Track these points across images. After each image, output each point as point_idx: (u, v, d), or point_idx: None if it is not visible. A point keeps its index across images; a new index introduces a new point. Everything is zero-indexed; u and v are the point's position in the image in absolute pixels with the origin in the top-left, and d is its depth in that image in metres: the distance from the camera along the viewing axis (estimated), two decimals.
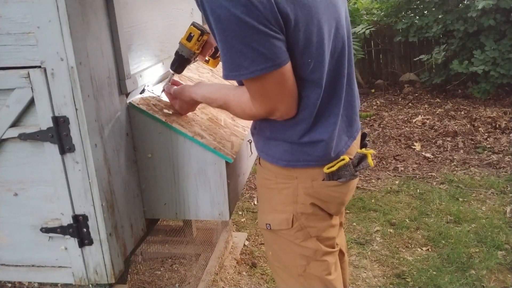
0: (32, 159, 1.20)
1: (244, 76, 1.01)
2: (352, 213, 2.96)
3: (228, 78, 1.04)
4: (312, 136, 1.15)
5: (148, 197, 1.43)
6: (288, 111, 1.10)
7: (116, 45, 1.26)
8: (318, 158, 1.17)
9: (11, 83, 1.11)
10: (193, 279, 2.24)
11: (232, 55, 0.99)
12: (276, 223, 1.25)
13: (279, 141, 1.19)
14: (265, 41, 0.96)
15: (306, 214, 1.22)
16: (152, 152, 1.37)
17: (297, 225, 1.23)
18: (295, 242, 1.24)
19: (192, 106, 1.39)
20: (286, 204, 1.22)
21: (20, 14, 1.07)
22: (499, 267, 2.33)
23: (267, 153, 1.23)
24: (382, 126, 4.58)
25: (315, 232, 1.24)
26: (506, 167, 3.49)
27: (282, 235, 1.26)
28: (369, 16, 5.84)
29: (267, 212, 1.27)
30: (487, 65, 4.66)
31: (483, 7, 4.34)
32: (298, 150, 1.17)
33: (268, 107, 1.09)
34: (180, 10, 1.74)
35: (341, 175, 1.19)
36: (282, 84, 1.04)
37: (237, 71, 1.00)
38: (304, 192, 1.20)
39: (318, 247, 1.25)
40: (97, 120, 1.17)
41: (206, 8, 0.97)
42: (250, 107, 1.11)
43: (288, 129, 1.15)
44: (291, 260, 1.28)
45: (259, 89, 1.05)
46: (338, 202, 1.25)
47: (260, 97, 1.07)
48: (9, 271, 1.33)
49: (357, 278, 2.32)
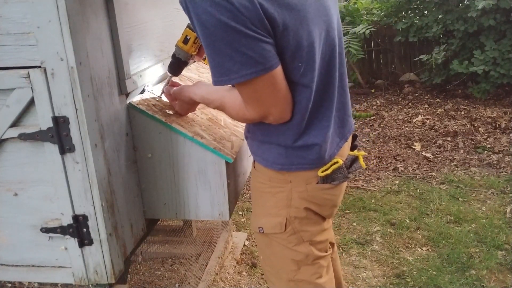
0: (32, 159, 1.20)
1: (234, 80, 1.00)
2: (352, 213, 2.96)
3: (218, 83, 1.02)
4: (306, 139, 1.14)
5: (148, 197, 1.43)
6: (282, 114, 1.10)
7: (116, 45, 1.26)
8: (312, 162, 1.17)
9: (11, 83, 1.11)
10: (193, 279, 2.24)
11: (220, 60, 0.98)
12: (269, 227, 1.24)
13: (273, 145, 1.18)
14: (254, 45, 0.95)
15: (299, 218, 1.22)
16: (152, 152, 1.37)
17: (290, 229, 1.22)
18: (287, 246, 1.24)
19: (192, 106, 1.39)
20: (280, 208, 1.22)
21: (20, 14, 1.07)
22: (499, 267, 2.33)
23: (262, 156, 1.22)
24: (382, 126, 4.58)
25: (308, 237, 1.24)
26: (506, 167, 3.49)
27: (274, 239, 1.25)
28: (369, 16, 5.84)
29: (261, 215, 1.27)
30: (487, 65, 4.66)
31: (483, 7, 4.34)
32: (293, 154, 1.16)
33: (261, 111, 1.08)
34: (180, 10, 1.73)
35: (335, 178, 1.20)
36: (273, 88, 1.04)
37: (227, 76, 1.00)
38: (298, 196, 1.20)
39: (310, 251, 1.24)
40: (97, 120, 1.17)
41: (192, 14, 0.97)
42: (244, 111, 1.11)
43: (281, 133, 1.15)
44: (282, 265, 1.27)
45: (250, 93, 1.05)
46: (331, 204, 1.26)
47: (253, 101, 1.07)
48: (9, 271, 1.33)
49: (357, 278, 2.32)
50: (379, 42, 5.95)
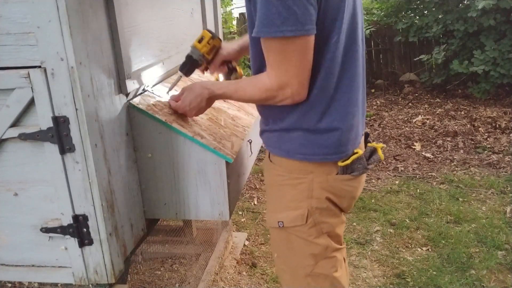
0: (32, 159, 1.20)
1: (273, 34, 1.03)
2: (352, 213, 2.96)
3: (258, 34, 1.05)
4: (329, 122, 1.16)
5: (148, 197, 1.43)
6: (300, 89, 1.10)
7: (116, 45, 1.26)
8: (334, 150, 1.18)
9: (11, 83, 1.11)
10: (193, 279, 2.24)
11: (267, 11, 1.01)
12: (290, 220, 1.25)
13: (296, 132, 1.19)
14: (300, 2, 0.99)
15: (320, 209, 1.23)
16: (152, 152, 1.37)
17: (311, 220, 1.23)
18: (307, 239, 1.25)
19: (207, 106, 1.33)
20: (301, 199, 1.23)
21: (20, 14, 1.07)
22: (499, 267, 2.33)
23: (281, 148, 1.23)
24: (382, 126, 4.58)
25: (327, 228, 1.26)
26: (506, 167, 3.49)
27: (294, 232, 1.26)
28: (369, 16, 5.83)
29: (279, 210, 1.27)
30: (487, 65, 4.66)
31: (483, 7, 4.34)
32: (315, 142, 1.18)
33: (283, 78, 1.09)
34: (180, 10, 1.74)
35: (355, 169, 1.22)
36: (302, 56, 1.06)
37: (268, 28, 1.03)
38: (319, 186, 1.21)
39: (329, 243, 1.26)
40: (97, 120, 1.17)
41: None
42: (264, 80, 1.12)
43: (304, 114, 1.16)
44: (300, 260, 1.28)
45: (280, 54, 1.06)
46: (350, 196, 1.27)
47: (278, 65, 1.08)
48: (9, 271, 1.33)
49: (357, 278, 2.32)
50: (379, 42, 5.94)
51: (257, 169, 3.61)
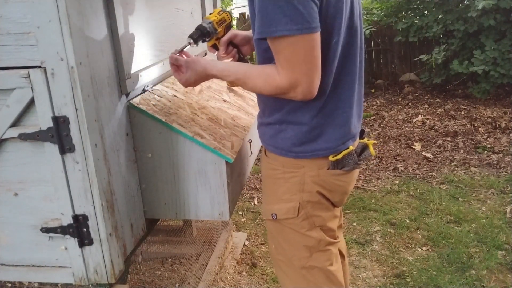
0: (32, 159, 1.20)
1: (279, 33, 1.02)
2: (352, 213, 2.96)
3: (263, 35, 1.04)
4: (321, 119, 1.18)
5: (148, 197, 1.43)
6: (310, 87, 1.09)
7: (116, 45, 1.26)
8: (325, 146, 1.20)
9: (11, 83, 1.11)
10: (193, 279, 2.24)
11: (270, 10, 1.00)
12: (282, 212, 1.27)
13: (289, 127, 1.20)
14: (305, 1, 0.99)
15: (312, 202, 1.24)
16: (152, 152, 1.37)
17: (303, 213, 1.25)
18: (300, 231, 1.26)
19: (199, 80, 1.32)
20: (293, 192, 1.24)
21: (20, 14, 1.07)
22: (499, 267, 2.33)
23: (275, 146, 1.25)
24: (382, 126, 4.58)
25: (320, 222, 1.27)
26: (506, 167, 3.49)
27: (287, 224, 1.28)
28: (369, 16, 5.83)
29: (273, 202, 1.29)
30: (487, 65, 4.66)
31: (483, 7, 4.33)
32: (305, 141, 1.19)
33: (293, 77, 1.07)
34: (180, 10, 1.74)
35: (345, 164, 1.23)
36: (311, 53, 1.05)
37: (274, 27, 1.01)
38: (311, 180, 1.23)
39: (322, 236, 1.28)
40: (97, 120, 1.17)
41: None
42: (274, 77, 1.10)
43: (299, 109, 1.18)
44: (295, 252, 1.30)
45: (289, 53, 1.05)
46: (342, 191, 1.29)
47: (288, 64, 1.07)
48: (9, 271, 1.33)
49: (357, 278, 2.32)
50: (379, 42, 5.94)
51: (257, 169, 3.61)
